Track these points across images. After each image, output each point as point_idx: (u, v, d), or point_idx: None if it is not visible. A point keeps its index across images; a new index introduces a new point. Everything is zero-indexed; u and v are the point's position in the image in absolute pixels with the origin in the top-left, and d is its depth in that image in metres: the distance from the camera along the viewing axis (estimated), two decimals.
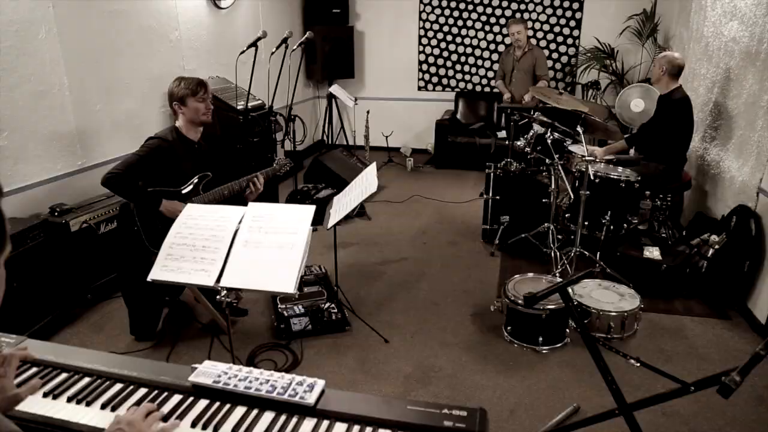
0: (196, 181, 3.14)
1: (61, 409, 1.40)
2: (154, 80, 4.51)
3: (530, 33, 6.86)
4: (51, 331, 3.32)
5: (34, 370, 1.55)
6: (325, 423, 1.33)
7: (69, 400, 1.43)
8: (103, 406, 1.41)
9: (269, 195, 4.52)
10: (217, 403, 1.40)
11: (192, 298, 3.40)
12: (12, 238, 3.00)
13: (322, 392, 1.41)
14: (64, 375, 1.53)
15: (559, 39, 7.18)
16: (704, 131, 4.62)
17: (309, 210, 2.12)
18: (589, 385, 2.88)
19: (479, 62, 7.55)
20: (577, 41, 7.12)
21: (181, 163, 3.10)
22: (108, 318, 3.56)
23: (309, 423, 1.33)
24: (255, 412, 1.37)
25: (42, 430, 1.36)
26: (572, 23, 7.08)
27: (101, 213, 3.63)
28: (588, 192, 3.80)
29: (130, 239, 3.06)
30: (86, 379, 1.51)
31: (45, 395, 1.45)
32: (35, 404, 1.41)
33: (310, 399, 1.37)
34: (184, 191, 3.12)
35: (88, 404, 1.42)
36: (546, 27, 7.15)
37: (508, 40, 7.17)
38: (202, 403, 1.41)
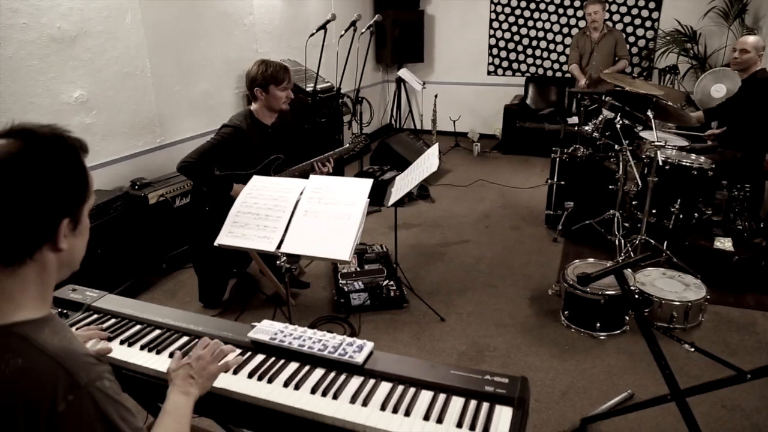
0: (267, 163, 3.23)
1: (134, 355, 1.55)
2: (229, 63, 4.72)
3: (606, 15, 6.59)
4: (129, 295, 3.56)
5: (112, 321, 1.71)
6: (371, 381, 1.40)
7: (142, 348, 1.57)
8: (171, 355, 1.53)
9: (336, 175, 4.64)
10: (273, 358, 1.50)
11: (258, 270, 3.59)
12: (97, 208, 3.27)
13: (371, 353, 1.48)
14: (138, 326, 1.68)
15: (637, 21, 6.87)
16: None
17: (366, 183, 2.19)
18: (646, 374, 2.82)
19: (551, 46, 7.38)
20: (656, 24, 6.79)
21: (254, 147, 3.18)
22: (180, 286, 3.81)
23: (356, 380, 1.40)
24: (307, 367, 1.46)
25: (118, 373, 1.48)
26: (651, 4, 6.76)
27: (176, 188, 3.87)
28: (656, 178, 3.68)
29: (202, 218, 3.21)
30: (157, 331, 1.65)
31: (122, 342, 1.60)
32: (114, 350, 1.56)
33: (359, 359, 1.44)
34: (257, 173, 3.24)
35: (158, 353, 1.56)
36: (623, 9, 6.86)
37: (582, 23, 6.97)
38: (259, 357, 1.51)
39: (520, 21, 7.38)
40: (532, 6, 7.26)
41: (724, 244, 3.68)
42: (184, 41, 4.28)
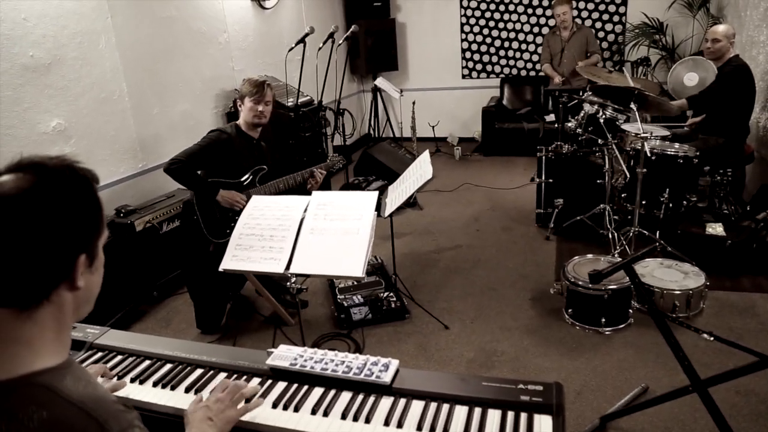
0: (252, 173, 3.25)
1: (147, 393, 1.49)
2: (206, 82, 4.65)
3: (575, 13, 6.70)
4: (122, 326, 3.46)
5: (119, 357, 1.64)
6: (402, 401, 1.36)
7: (155, 384, 1.52)
8: (187, 390, 1.48)
9: (322, 189, 4.60)
10: (295, 385, 1.45)
11: (253, 291, 3.50)
12: None
13: (397, 371, 1.44)
14: (147, 362, 1.62)
15: (605, 17, 6.98)
16: (766, 100, 4.43)
17: (372, 196, 2.16)
18: (657, 365, 2.82)
19: (523, 46, 7.45)
20: (623, 18, 6.90)
21: (239, 156, 3.21)
22: (174, 313, 3.70)
23: (386, 401, 1.36)
24: (333, 392, 1.41)
25: None
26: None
27: (163, 213, 3.78)
28: (645, 170, 3.70)
29: (191, 230, 3.18)
30: (168, 365, 1.59)
31: (132, 380, 1.54)
32: (124, 389, 1.49)
33: (386, 378, 1.40)
34: (242, 182, 3.23)
35: (172, 388, 1.50)
36: (591, 5, 6.97)
37: (551, 22, 7.05)
38: (281, 385, 1.46)
39: (491, 23, 7.44)
40: (502, 8, 7.32)
41: (716, 229, 3.72)
42: (159, 62, 4.20)
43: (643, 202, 3.95)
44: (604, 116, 4.07)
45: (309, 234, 2.17)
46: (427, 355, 3.07)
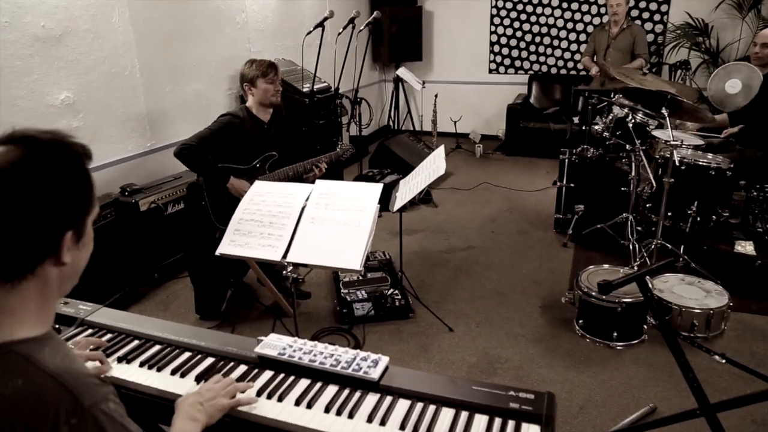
0: (262, 159, 3.17)
1: (133, 373, 1.47)
2: (222, 62, 4.55)
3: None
4: (120, 307, 3.40)
5: (108, 336, 1.64)
6: (388, 399, 1.34)
7: (141, 365, 1.50)
8: (173, 372, 1.46)
9: (334, 179, 4.51)
10: (282, 375, 1.43)
11: (255, 279, 3.42)
12: None
13: (386, 368, 1.42)
14: (136, 342, 1.60)
15: (645, 15, 6.66)
16: None
17: (376, 188, 2.06)
18: (669, 386, 2.67)
19: (555, 42, 7.19)
20: (665, 17, 6.59)
21: (250, 141, 3.15)
22: (174, 297, 3.64)
23: (372, 398, 1.34)
24: (319, 384, 1.40)
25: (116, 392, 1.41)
26: None
27: (169, 194, 3.71)
28: (672, 180, 3.51)
29: (197, 214, 3.11)
30: (156, 347, 1.58)
31: (119, 360, 1.52)
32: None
33: (374, 374, 1.37)
34: (252, 168, 3.15)
35: (159, 370, 1.48)
36: (631, 2, 6.63)
37: (587, 18, 6.81)
38: (267, 374, 1.44)
39: (522, 16, 7.20)
40: (535, 1, 7.07)
41: (746, 247, 3.51)
42: (174, 40, 4.11)
43: (669, 214, 3.76)
44: (633, 120, 3.87)
45: (309, 223, 2.10)
46: (427, 357, 2.97)
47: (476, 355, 2.97)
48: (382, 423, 1.25)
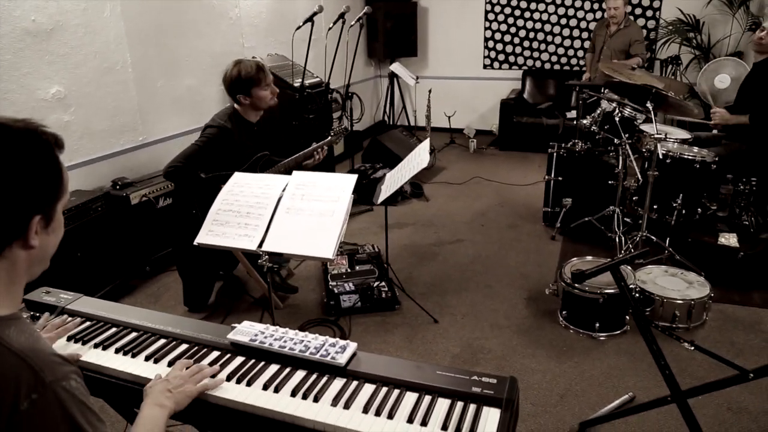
0: (253, 162, 3.14)
1: (109, 359, 1.50)
2: (215, 58, 4.58)
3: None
4: (111, 299, 3.43)
5: (87, 323, 1.66)
6: (354, 383, 1.37)
7: (117, 351, 1.53)
8: (147, 358, 1.50)
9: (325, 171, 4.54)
10: (252, 360, 1.47)
11: (245, 272, 3.46)
12: (76, 209, 3.20)
13: (354, 354, 1.45)
14: (113, 329, 1.63)
15: (638, 11, 6.69)
16: None
17: (351, 179, 2.09)
18: (648, 375, 2.71)
19: (549, 38, 7.22)
20: (657, 13, 6.61)
21: (240, 146, 3.10)
22: (164, 289, 3.68)
23: (339, 382, 1.37)
24: (287, 369, 1.42)
25: (92, 378, 1.46)
26: None
27: (160, 188, 3.74)
28: (656, 173, 3.54)
29: (188, 221, 3.07)
30: (133, 334, 1.61)
31: (96, 346, 1.55)
32: (87, 354, 1.52)
33: (341, 360, 1.40)
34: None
35: (133, 356, 1.51)
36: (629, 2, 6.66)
37: (580, 14, 6.83)
38: (238, 359, 1.48)
39: (517, 12, 7.22)
40: None
41: (729, 240, 3.55)
42: (166, 35, 4.14)
43: (655, 207, 3.79)
44: (620, 114, 3.90)
45: (285, 213, 2.14)
46: (412, 347, 3.00)
47: (460, 346, 3.00)
48: (346, 406, 1.29)
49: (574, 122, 4.62)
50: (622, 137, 3.87)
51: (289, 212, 2.10)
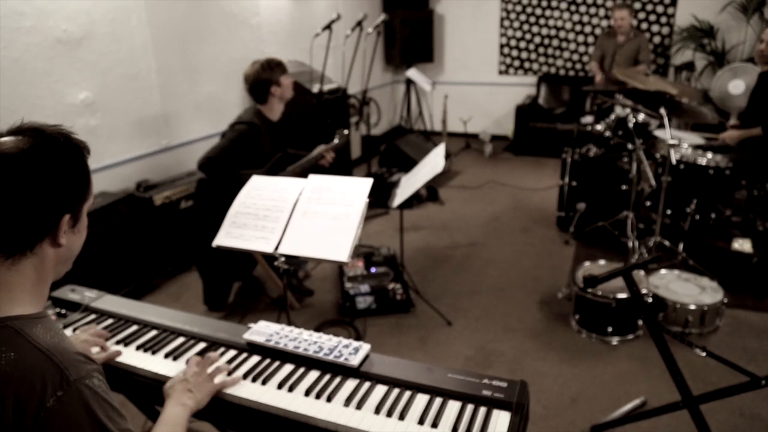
0: (275, 162, 3.23)
1: (130, 356, 1.55)
2: (235, 64, 4.68)
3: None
4: (134, 297, 3.54)
5: (110, 321, 1.73)
6: (367, 384, 1.39)
7: (138, 348, 1.59)
8: (166, 356, 1.55)
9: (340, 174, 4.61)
10: (268, 360, 1.50)
11: (264, 273, 3.54)
12: (102, 210, 3.30)
13: (367, 356, 1.47)
14: (134, 327, 1.69)
15: (652, 17, 6.71)
16: None
17: (366, 183, 2.14)
18: (661, 380, 2.72)
19: (564, 44, 7.25)
20: (672, 19, 6.62)
21: (264, 145, 3.19)
22: (185, 288, 3.77)
23: (351, 383, 1.40)
24: (302, 370, 1.46)
25: (113, 373, 1.52)
26: (667, 0, 6.60)
27: (182, 190, 3.84)
28: (670, 178, 3.57)
29: (207, 211, 3.15)
30: (153, 332, 1.66)
31: (117, 343, 1.62)
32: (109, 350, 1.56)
33: (354, 361, 1.43)
34: (266, 172, 3.21)
35: (153, 353, 1.56)
36: (638, 5, 6.69)
37: (595, 21, 6.86)
38: (254, 358, 1.51)
39: (532, 19, 7.27)
40: (544, 3, 7.13)
41: (743, 245, 3.56)
42: (189, 42, 4.26)
43: (668, 212, 3.82)
44: (634, 120, 3.93)
45: (301, 216, 2.17)
46: (425, 349, 3.05)
47: (473, 348, 3.05)
48: (359, 407, 1.31)
49: (588, 127, 4.66)
50: (636, 143, 3.91)
51: (305, 215, 2.14)
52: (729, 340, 3.06)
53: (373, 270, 3.63)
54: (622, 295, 2.99)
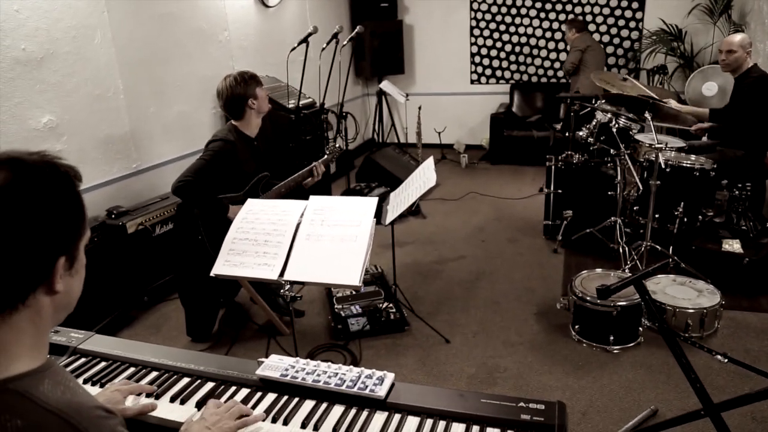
0: (255, 182, 3.12)
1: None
2: (206, 82, 4.52)
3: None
4: (110, 332, 3.34)
5: (103, 364, 1.59)
6: (397, 417, 1.31)
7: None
8: (172, 399, 1.42)
9: (322, 193, 4.49)
10: (285, 397, 1.40)
11: (248, 298, 3.38)
12: None
13: (392, 385, 1.39)
14: (132, 369, 1.55)
15: (621, 22, 6.81)
16: None
17: (372, 202, 2.05)
18: (668, 387, 2.68)
19: (534, 52, 7.29)
20: (640, 24, 6.72)
21: (243, 162, 3.07)
22: (164, 319, 3.57)
23: (380, 416, 1.31)
24: (324, 405, 1.37)
25: None
26: (635, 4, 6.68)
27: (156, 215, 3.65)
28: (659, 182, 3.55)
29: (193, 246, 3.01)
30: (154, 373, 1.53)
31: None
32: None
33: (381, 392, 1.35)
34: (245, 194, 3.07)
35: (157, 397, 1.44)
36: (606, 10, 6.77)
37: (564, 27, 6.94)
38: (270, 396, 1.41)
39: (502, 27, 7.29)
40: (513, 11, 7.16)
41: (733, 246, 3.56)
42: (157, 60, 4.08)
43: (656, 216, 3.80)
44: (617, 125, 3.91)
45: (305, 240, 2.07)
46: (426, 370, 2.94)
47: (475, 366, 2.95)
48: None
49: (565, 134, 4.65)
50: (621, 148, 3.88)
51: (309, 239, 2.05)
52: (730, 343, 3.04)
53: (362, 289, 3.50)
54: (623, 303, 2.94)
